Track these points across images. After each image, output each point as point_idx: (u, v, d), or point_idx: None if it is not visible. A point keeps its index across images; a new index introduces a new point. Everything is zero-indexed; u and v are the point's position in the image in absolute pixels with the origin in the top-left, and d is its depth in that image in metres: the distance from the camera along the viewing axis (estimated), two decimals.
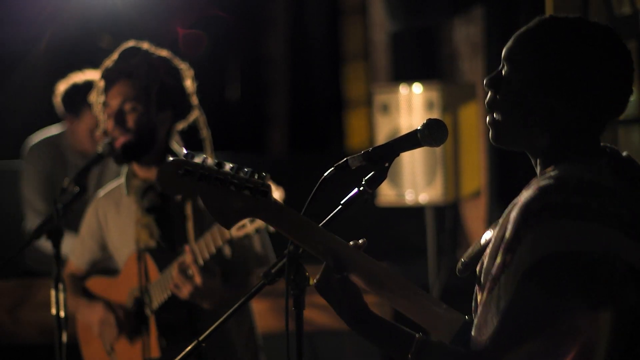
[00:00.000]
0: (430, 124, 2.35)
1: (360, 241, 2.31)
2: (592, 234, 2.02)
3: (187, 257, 3.33)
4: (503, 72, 2.21)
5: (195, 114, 3.60)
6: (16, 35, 7.29)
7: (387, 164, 2.34)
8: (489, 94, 2.23)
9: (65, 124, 5.33)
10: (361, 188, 2.33)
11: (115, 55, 3.57)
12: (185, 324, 3.49)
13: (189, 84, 3.57)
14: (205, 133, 3.62)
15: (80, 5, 6.93)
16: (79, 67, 5.24)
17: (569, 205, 2.03)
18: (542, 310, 2.03)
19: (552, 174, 2.12)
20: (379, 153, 2.35)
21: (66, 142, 5.28)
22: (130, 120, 3.47)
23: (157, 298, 3.46)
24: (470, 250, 2.33)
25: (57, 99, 5.18)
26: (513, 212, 2.09)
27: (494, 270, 2.10)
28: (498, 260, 2.09)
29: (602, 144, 2.19)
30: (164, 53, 3.57)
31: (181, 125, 3.60)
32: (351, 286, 2.23)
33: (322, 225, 2.31)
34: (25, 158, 5.32)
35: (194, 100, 3.59)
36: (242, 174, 2.23)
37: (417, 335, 2.17)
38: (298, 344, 2.33)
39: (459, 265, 2.34)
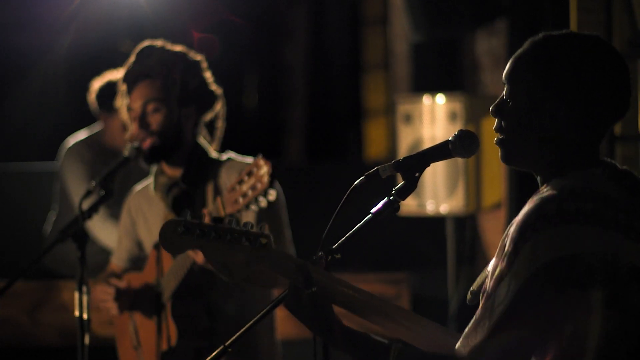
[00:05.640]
0: (462, 135, 2.36)
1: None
2: (588, 237, 2.07)
3: (205, 219, 3.28)
4: (503, 96, 2.27)
5: (220, 104, 3.61)
6: (37, 40, 7.33)
7: (417, 174, 2.36)
8: (496, 120, 2.28)
9: (100, 122, 5.37)
10: (391, 197, 2.35)
11: (132, 57, 3.58)
12: (199, 314, 3.48)
13: (208, 74, 3.58)
14: (220, 124, 3.64)
15: (102, 10, 6.97)
16: (100, 72, 5.27)
17: (562, 211, 2.08)
18: (538, 317, 2.07)
19: (547, 188, 2.17)
20: (410, 163, 2.36)
21: (104, 140, 5.32)
22: (154, 122, 3.49)
23: (170, 286, 3.45)
24: (478, 279, 2.36)
25: (92, 97, 5.22)
26: (511, 229, 2.13)
27: (490, 283, 2.13)
28: (496, 273, 2.12)
29: (601, 158, 2.24)
30: (178, 48, 3.58)
31: (209, 116, 3.61)
32: (321, 301, 2.26)
33: (351, 234, 2.33)
34: (65, 158, 5.34)
35: (217, 90, 3.60)
36: (240, 228, 2.28)
37: (392, 345, 2.20)
38: (324, 352, 2.34)
39: (469, 295, 2.36)
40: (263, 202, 3.13)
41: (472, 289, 2.35)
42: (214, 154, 3.60)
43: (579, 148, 2.20)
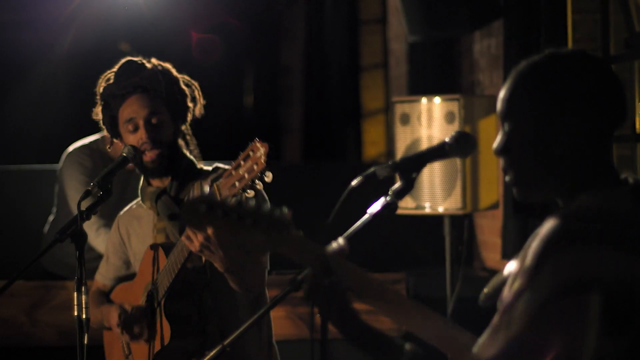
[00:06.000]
0: (458, 137, 2.38)
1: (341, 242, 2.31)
2: (610, 260, 2.04)
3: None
4: (505, 133, 2.23)
5: (190, 115, 3.63)
6: (37, 40, 7.34)
7: (414, 175, 2.38)
8: (502, 161, 2.25)
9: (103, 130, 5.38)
10: (388, 198, 2.37)
11: (115, 72, 3.56)
12: (191, 314, 3.48)
13: (188, 91, 3.61)
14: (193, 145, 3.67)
15: (101, 10, 6.99)
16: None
17: (588, 232, 2.06)
18: (553, 336, 2.05)
19: (572, 205, 2.15)
20: (407, 163, 2.38)
21: (105, 147, 5.33)
22: (161, 134, 3.52)
23: (163, 284, 3.45)
24: (493, 281, 2.35)
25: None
26: (534, 242, 2.11)
27: (510, 296, 2.11)
28: (515, 286, 2.10)
29: (623, 175, 2.22)
30: (167, 65, 3.60)
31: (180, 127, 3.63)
32: (340, 291, 2.24)
33: (349, 235, 2.34)
34: (65, 163, 5.35)
35: (196, 108, 3.63)
36: (263, 211, 2.27)
37: (407, 346, 2.19)
38: (322, 351, 2.35)
39: (482, 296, 2.36)
40: (260, 185, 3.13)
41: (485, 291, 2.35)
42: (200, 164, 3.62)
43: (591, 159, 2.18)
